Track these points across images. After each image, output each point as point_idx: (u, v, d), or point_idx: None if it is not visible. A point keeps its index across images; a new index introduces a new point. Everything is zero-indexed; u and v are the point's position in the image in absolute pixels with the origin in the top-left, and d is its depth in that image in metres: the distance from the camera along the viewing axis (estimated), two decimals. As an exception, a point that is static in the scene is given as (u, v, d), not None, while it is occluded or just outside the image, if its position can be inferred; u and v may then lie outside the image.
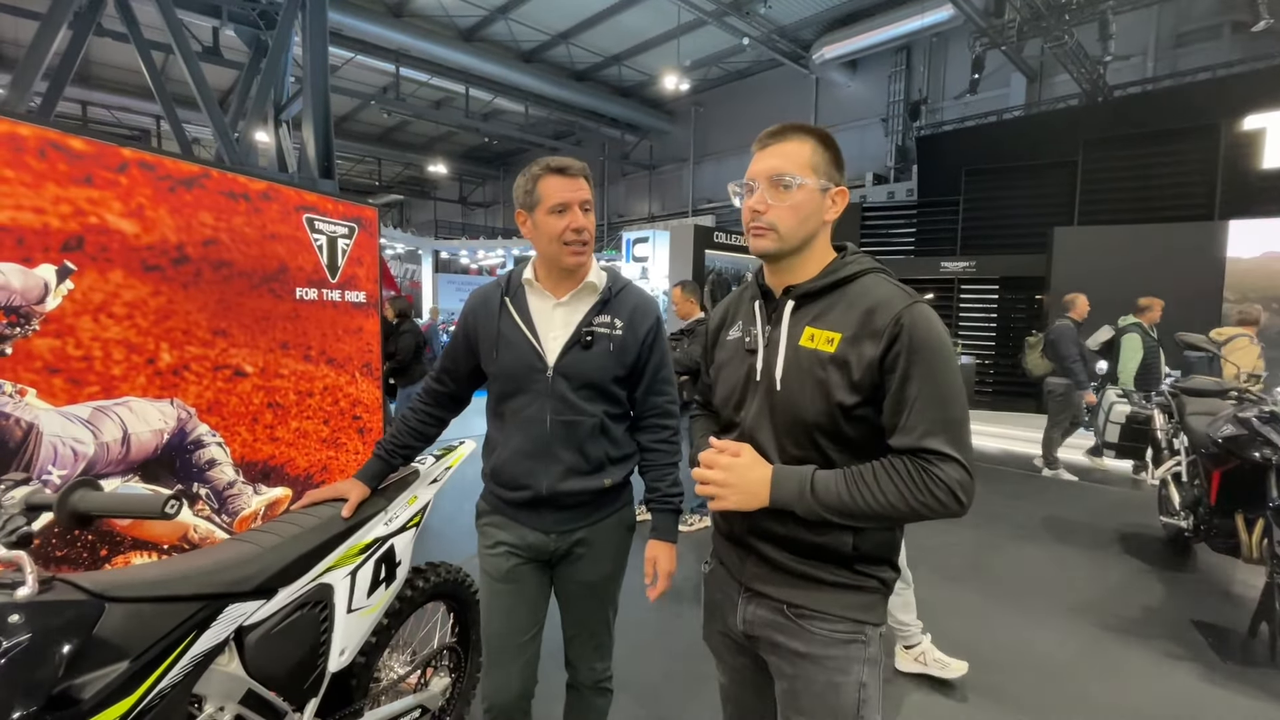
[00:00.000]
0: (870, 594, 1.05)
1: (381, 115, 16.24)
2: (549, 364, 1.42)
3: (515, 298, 1.47)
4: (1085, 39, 8.72)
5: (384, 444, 1.58)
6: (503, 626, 1.48)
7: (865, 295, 1.01)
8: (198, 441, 1.98)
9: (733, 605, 1.16)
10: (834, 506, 0.96)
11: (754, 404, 1.08)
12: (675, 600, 3.14)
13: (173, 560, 1.17)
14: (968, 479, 0.94)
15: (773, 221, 1.03)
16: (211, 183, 1.98)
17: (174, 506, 0.93)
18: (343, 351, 2.47)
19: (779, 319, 1.07)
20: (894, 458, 0.97)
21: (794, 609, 1.06)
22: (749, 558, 1.12)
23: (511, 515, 1.48)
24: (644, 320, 1.50)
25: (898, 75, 13.66)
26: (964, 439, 0.95)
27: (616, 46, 14.09)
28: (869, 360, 0.96)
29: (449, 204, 24.84)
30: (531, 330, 1.44)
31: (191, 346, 1.95)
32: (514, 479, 1.45)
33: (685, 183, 17.77)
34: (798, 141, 1.04)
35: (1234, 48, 9.40)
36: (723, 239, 8.60)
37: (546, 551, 1.48)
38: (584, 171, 1.44)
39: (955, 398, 0.95)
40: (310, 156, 4.56)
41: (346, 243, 2.45)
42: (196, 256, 1.96)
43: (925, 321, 0.96)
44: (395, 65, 13.10)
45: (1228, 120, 7.92)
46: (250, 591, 1.21)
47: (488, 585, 1.50)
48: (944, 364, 0.96)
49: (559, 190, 1.39)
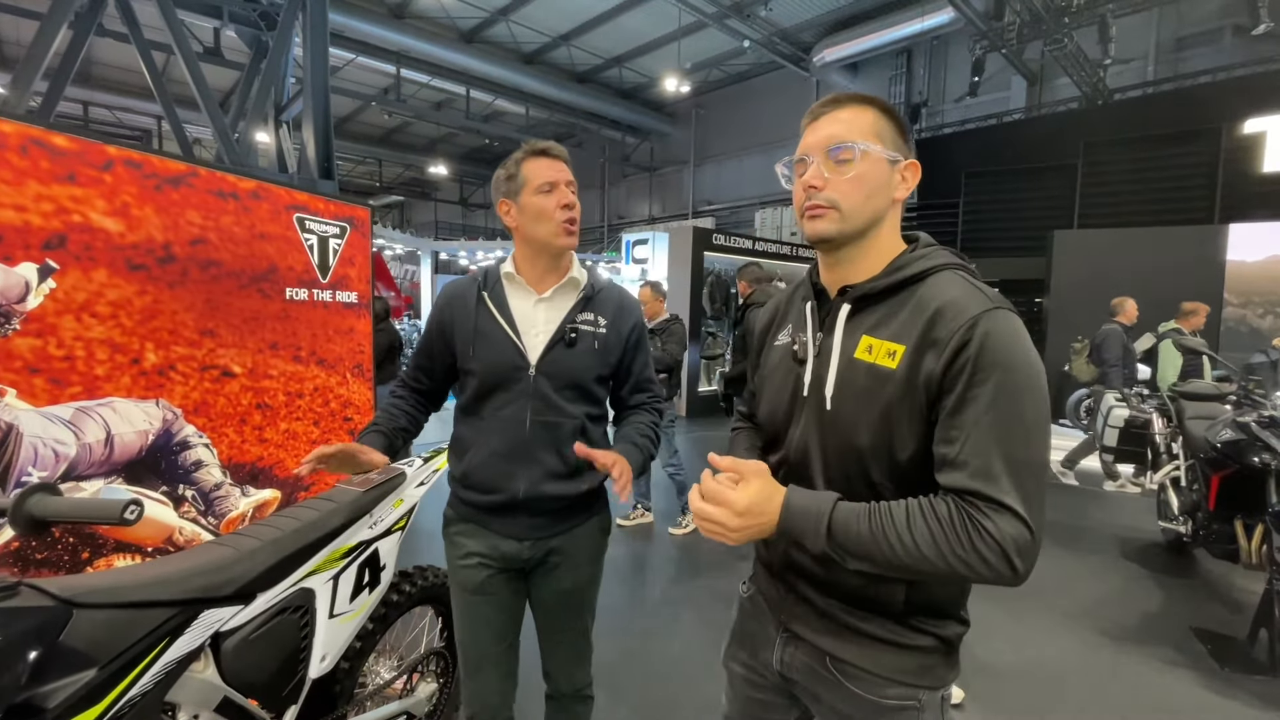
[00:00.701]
0: (927, 654, 0.88)
1: (382, 116, 16.28)
2: (531, 362, 1.37)
3: (494, 292, 1.42)
4: (1085, 42, 8.71)
5: (381, 422, 1.45)
6: (478, 637, 1.45)
7: (934, 298, 0.82)
8: (184, 442, 1.96)
9: (768, 642, 1.03)
10: (853, 549, 0.79)
11: (802, 423, 0.93)
12: (670, 603, 3.12)
13: (148, 564, 1.15)
14: (1028, 540, 0.74)
15: (833, 198, 0.87)
16: (199, 181, 1.96)
17: (133, 512, 0.91)
18: (334, 352, 2.45)
19: (832, 325, 0.91)
20: (938, 499, 0.78)
21: (836, 662, 0.92)
22: (789, 595, 0.99)
23: (483, 522, 1.42)
24: (628, 318, 1.47)
25: (898, 78, 13.67)
26: (1032, 489, 0.75)
27: (617, 48, 14.11)
28: (929, 375, 0.79)
29: (449, 205, 24.86)
30: (512, 327, 1.38)
31: (178, 346, 1.93)
32: (488, 482, 1.38)
33: (685, 185, 17.77)
34: (856, 108, 0.89)
35: (1234, 51, 9.38)
36: (721, 241, 8.58)
37: (520, 560, 1.42)
38: (565, 155, 1.41)
39: (1030, 435, 0.76)
40: (310, 157, 4.55)
41: (338, 243, 2.43)
42: (183, 256, 1.94)
43: (1007, 333, 0.78)
44: (396, 66, 13.11)
45: (1228, 124, 7.92)
46: (227, 596, 1.18)
47: (461, 597, 1.46)
48: (1022, 389, 0.76)
49: (544, 170, 1.36)
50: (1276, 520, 2.65)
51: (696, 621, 2.94)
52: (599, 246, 19.20)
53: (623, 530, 4.18)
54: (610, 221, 19.97)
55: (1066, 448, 5.65)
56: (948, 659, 0.90)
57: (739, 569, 3.56)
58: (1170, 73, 9.95)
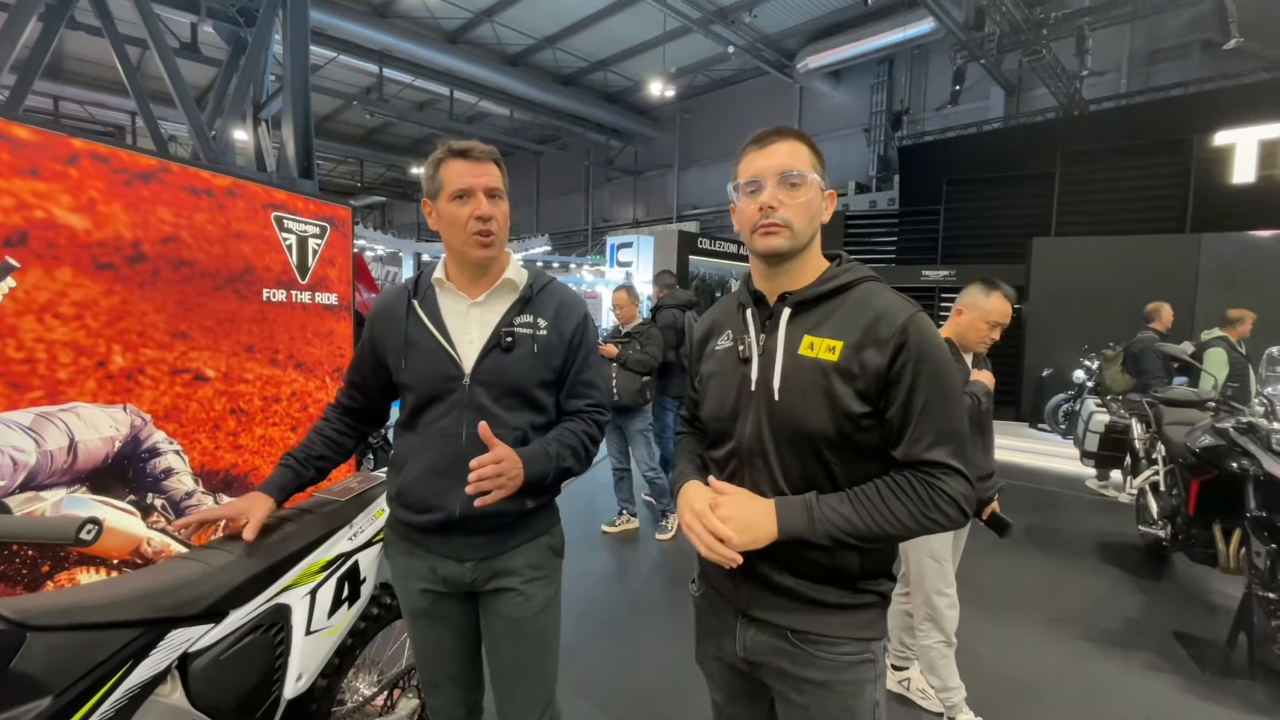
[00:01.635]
0: (872, 610, 1.04)
1: (364, 116, 16.06)
2: (465, 371, 1.28)
3: (425, 300, 1.34)
4: (1063, 54, 8.87)
5: (295, 453, 1.40)
6: (432, 658, 1.40)
7: (866, 303, 0.99)
8: (153, 449, 1.88)
9: (730, 631, 1.11)
10: (845, 530, 0.94)
11: (751, 415, 1.04)
12: (656, 609, 3.08)
13: (111, 581, 1.08)
14: (970, 491, 0.95)
15: (787, 218, 1.00)
16: (171, 177, 1.89)
17: (90, 531, 0.85)
18: (312, 355, 2.37)
19: (774, 326, 1.04)
20: (897, 475, 0.96)
21: (798, 635, 1.02)
22: (745, 583, 1.07)
23: (419, 541, 1.33)
24: (570, 318, 1.37)
25: (880, 86, 13.82)
26: (966, 451, 0.96)
27: (603, 52, 14.09)
28: (875, 368, 0.94)
29: (432, 207, 24.57)
30: (444, 334, 1.30)
31: (147, 349, 1.85)
32: (422, 500, 1.29)
33: (670, 189, 17.80)
34: (795, 141, 1.03)
35: (1202, 66, 9.66)
36: (707, 244, 8.57)
37: (464, 583, 1.32)
38: (491, 155, 1.30)
39: (958, 409, 0.96)
40: (290, 156, 4.44)
41: (318, 242, 2.36)
42: (154, 254, 1.86)
43: (930, 331, 0.96)
44: (379, 66, 12.95)
45: (1199, 136, 8.09)
46: (197, 615, 1.12)
47: (409, 620, 1.39)
48: (948, 375, 0.96)
49: (460, 175, 1.26)
50: (1254, 525, 2.68)
51: (684, 626, 2.90)
52: (583, 250, 19.14)
53: (608, 536, 4.13)
54: (594, 225, 19.92)
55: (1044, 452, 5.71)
56: (884, 613, 1.06)
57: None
58: (1142, 85, 10.23)
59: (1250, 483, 2.76)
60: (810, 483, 0.99)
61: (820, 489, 0.99)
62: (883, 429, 0.97)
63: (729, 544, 0.95)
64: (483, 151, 1.29)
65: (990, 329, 2.14)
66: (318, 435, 1.44)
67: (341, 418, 1.47)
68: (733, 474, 1.07)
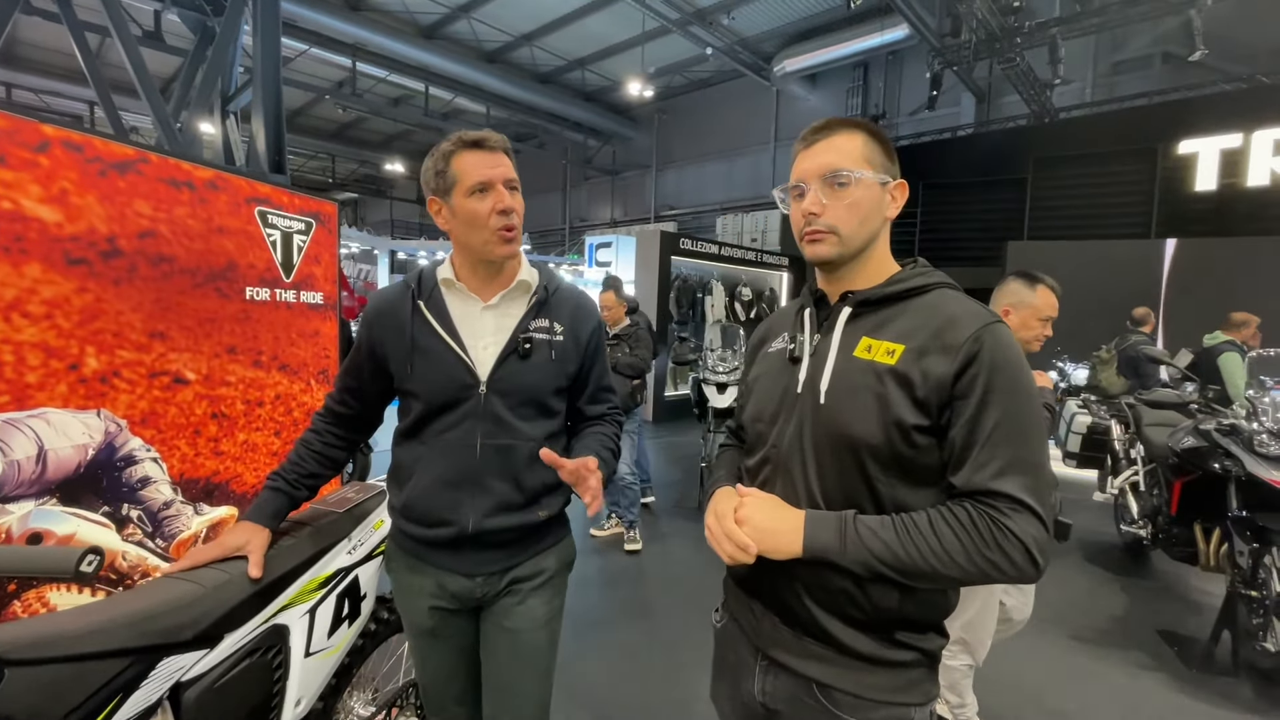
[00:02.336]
0: (913, 669, 0.90)
1: (336, 111, 15.68)
2: (481, 379, 1.20)
3: (431, 301, 1.23)
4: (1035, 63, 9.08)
5: (284, 473, 1.27)
6: (436, 681, 1.33)
7: (937, 308, 0.89)
8: (129, 457, 1.76)
9: (748, 671, 1.00)
10: (882, 559, 0.81)
11: (793, 419, 0.94)
12: (649, 615, 3.03)
13: (95, 606, 0.98)
14: (1046, 536, 0.80)
15: (831, 224, 0.92)
16: (150, 168, 1.78)
17: (91, 563, 0.77)
18: (297, 357, 2.27)
19: (831, 326, 0.95)
20: (955, 505, 0.83)
21: (823, 689, 0.90)
22: (766, 615, 0.98)
23: (425, 557, 1.26)
24: (586, 323, 1.32)
25: (855, 90, 13.98)
26: (1044, 488, 0.81)
27: (581, 50, 13.99)
28: (938, 378, 0.83)
29: (406, 204, 24.22)
30: (456, 339, 1.21)
31: (123, 351, 1.74)
32: (432, 513, 1.22)
33: (648, 189, 17.77)
34: (847, 134, 0.94)
35: (1164, 77, 10.04)
36: (689, 245, 8.55)
37: (473, 599, 1.26)
38: (504, 144, 1.21)
39: (1038, 437, 0.83)
40: (260, 150, 4.28)
41: (303, 239, 2.26)
42: (131, 250, 1.74)
43: (1009, 343, 0.84)
44: (352, 60, 12.65)
45: (1163, 144, 8.35)
46: (190, 640, 1.03)
47: (413, 638, 1.32)
48: (1027, 396, 0.83)
49: (477, 167, 1.16)
50: (1236, 524, 2.74)
51: (679, 632, 2.85)
52: (561, 249, 19.00)
53: (596, 541, 4.07)
54: (572, 224, 19.80)
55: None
56: (931, 672, 0.92)
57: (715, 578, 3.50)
58: (1106, 95, 10.59)
59: (1232, 483, 2.83)
60: (849, 500, 0.88)
61: (860, 509, 0.87)
62: (940, 451, 0.85)
63: (746, 551, 0.87)
64: (496, 141, 1.20)
65: (1043, 325, 2.03)
66: (307, 450, 1.31)
67: (332, 428, 1.34)
68: (765, 482, 0.98)
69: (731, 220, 14.63)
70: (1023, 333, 2.04)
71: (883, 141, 0.95)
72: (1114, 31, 9.78)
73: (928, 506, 0.85)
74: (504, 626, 1.26)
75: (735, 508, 0.92)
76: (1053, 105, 9.76)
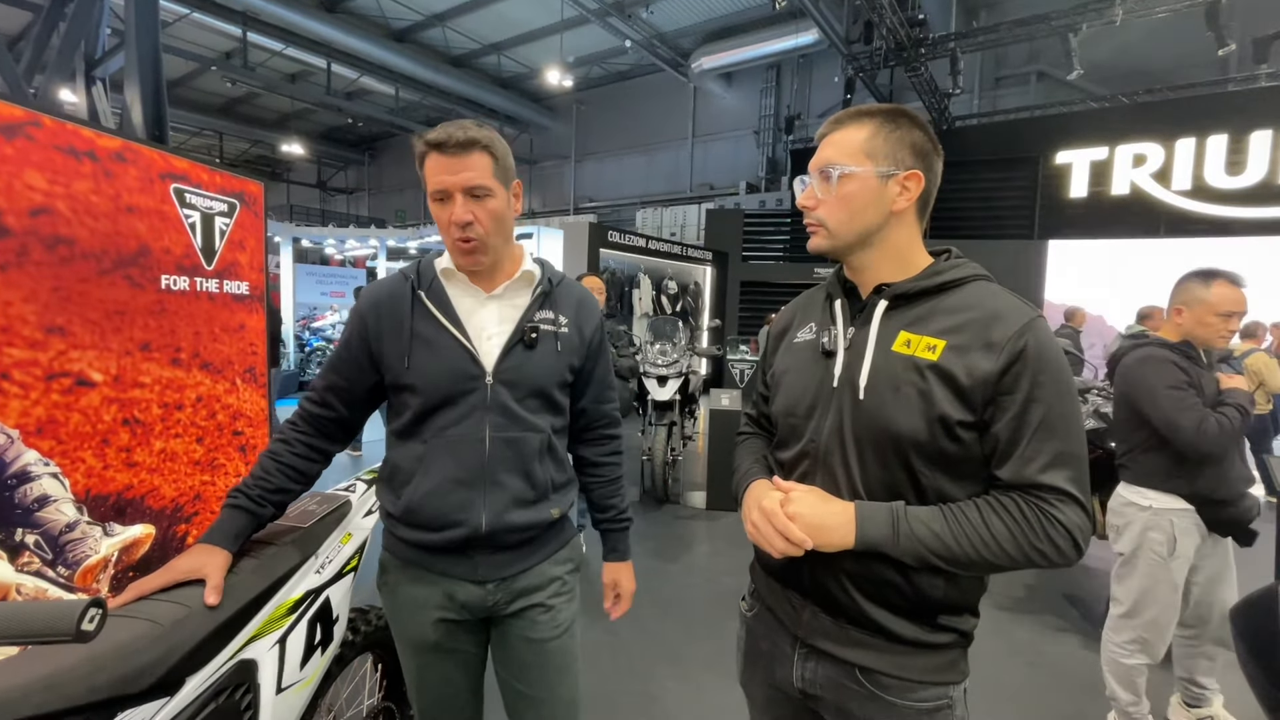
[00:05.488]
0: (952, 650, 0.93)
1: (224, 84, 14.30)
2: (487, 369, 1.16)
3: (432, 291, 1.18)
4: (936, 73, 9.74)
5: (247, 488, 1.14)
6: (439, 700, 1.25)
7: (978, 303, 0.89)
8: (22, 474, 1.50)
9: (785, 659, 1.01)
10: (934, 549, 0.83)
11: (830, 414, 0.94)
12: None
13: (32, 656, 0.81)
14: (1088, 524, 0.83)
15: (821, 217, 0.95)
16: (43, 134, 1.51)
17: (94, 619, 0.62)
18: (221, 354, 2.02)
19: (867, 319, 0.94)
20: (1002, 495, 0.85)
21: (867, 673, 0.92)
22: (806, 606, 0.98)
23: (430, 565, 1.19)
24: (590, 318, 1.30)
25: (769, 90, 14.45)
26: (1086, 479, 0.84)
27: (496, 35, 13.56)
28: (983, 375, 0.83)
29: (305, 188, 22.56)
30: (459, 329, 1.16)
31: (14, 349, 1.47)
32: (440, 515, 1.15)
33: (566, 180, 17.55)
34: (855, 127, 0.93)
35: (1039, 93, 11.17)
36: (617, 238, 8.51)
37: (484, 608, 1.20)
38: (475, 143, 1.09)
39: (1079, 430, 0.85)
40: (136, 121, 3.79)
41: (226, 221, 2.01)
42: (20, 229, 1.48)
43: (1050, 339, 0.85)
44: (243, 29, 11.58)
45: (1044, 154, 9.21)
46: (148, 690, 0.88)
47: (413, 658, 1.23)
48: (1069, 391, 0.85)
49: (435, 173, 1.10)
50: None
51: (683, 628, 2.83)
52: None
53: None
54: (487, 215, 19.21)
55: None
56: (965, 652, 0.95)
57: (666, 568, 3.50)
58: (990, 107, 11.62)
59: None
60: (892, 493, 0.89)
61: (905, 501, 0.89)
62: (982, 445, 0.86)
63: (801, 547, 0.87)
64: (461, 141, 1.08)
65: (1223, 321, 1.91)
66: (274, 462, 1.17)
67: (305, 437, 1.20)
68: (803, 476, 0.97)
69: (651, 214, 14.72)
70: (1199, 331, 1.96)
71: (900, 129, 0.91)
72: (996, 50, 10.71)
73: (969, 496, 0.88)
74: (529, 638, 1.21)
75: (782, 503, 0.90)
76: (950, 114, 10.51)
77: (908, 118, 0.93)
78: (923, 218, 0.97)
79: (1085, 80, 9.31)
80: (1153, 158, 8.31)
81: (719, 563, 3.74)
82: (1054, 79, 10.64)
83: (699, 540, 4.11)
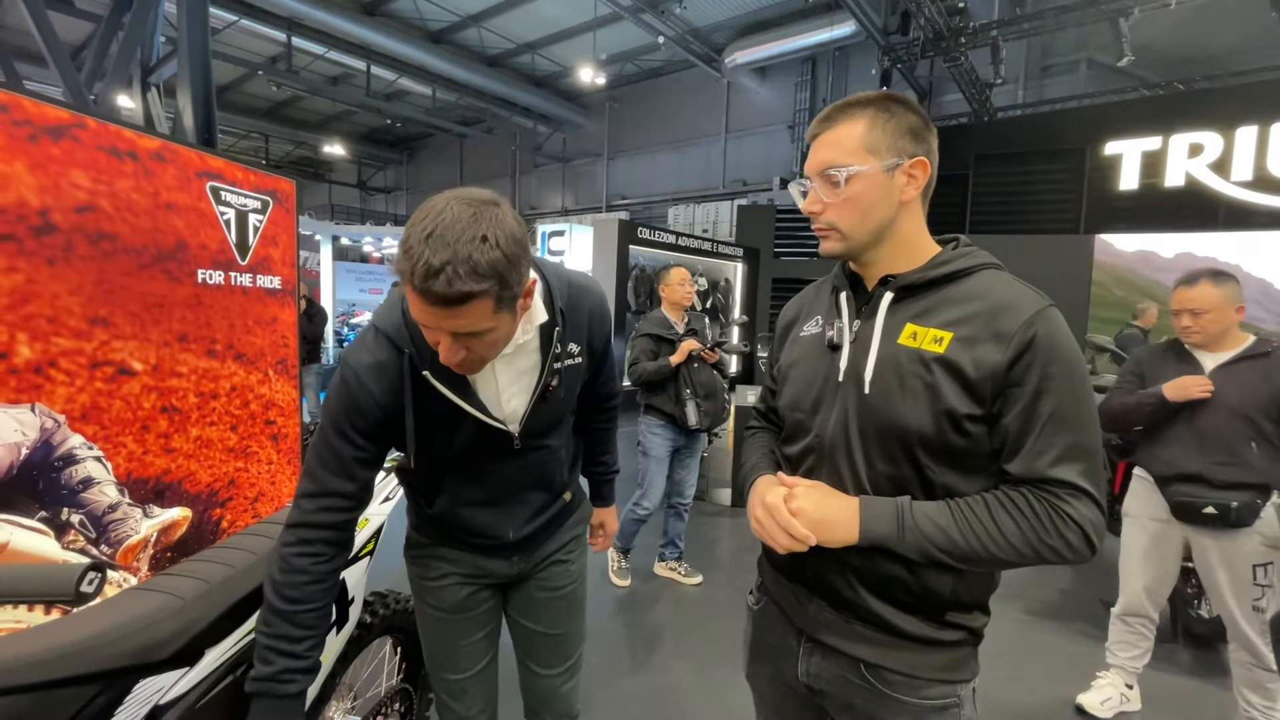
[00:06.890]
0: (961, 648, 0.91)
1: (270, 88, 14.81)
2: (515, 432, 1.13)
3: (438, 369, 1.01)
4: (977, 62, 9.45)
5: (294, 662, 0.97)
6: (457, 658, 1.30)
7: (986, 292, 0.86)
8: (68, 456, 1.59)
9: (790, 653, 1.01)
10: (940, 545, 0.82)
11: (836, 408, 0.92)
12: (676, 630, 3.00)
13: (57, 625, 0.87)
14: (1101, 520, 0.80)
15: (831, 221, 0.91)
16: (88, 135, 1.59)
17: (93, 582, 0.67)
18: (254, 345, 2.10)
19: (872, 312, 0.92)
20: (1012, 490, 0.83)
21: (872, 669, 0.91)
22: (812, 600, 0.97)
23: (464, 545, 1.26)
24: (600, 329, 1.25)
25: (803, 84, 14.22)
26: (1099, 473, 0.81)
27: (531, 34, 13.67)
28: (991, 367, 0.80)
29: (346, 188, 23.18)
30: (478, 406, 1.07)
31: (60, 338, 1.56)
32: (472, 530, 1.22)
33: (599, 177, 17.60)
34: (848, 122, 0.90)
35: (1089, 81, 10.70)
36: (647, 234, 8.51)
37: (509, 576, 1.31)
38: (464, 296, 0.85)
39: (1092, 423, 0.82)
40: (187, 126, 3.97)
41: (259, 219, 2.09)
42: (67, 226, 1.56)
43: (1062, 330, 0.83)
44: (287, 34, 11.96)
45: (1091, 145, 8.85)
46: (168, 659, 0.93)
47: (431, 616, 1.29)
48: (1082, 382, 0.82)
49: (419, 310, 0.89)
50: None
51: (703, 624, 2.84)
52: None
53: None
54: (522, 211, 19.37)
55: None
56: (975, 650, 0.93)
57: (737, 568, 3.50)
58: (1036, 97, 11.19)
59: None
60: (899, 489, 0.88)
61: (911, 496, 0.87)
62: (991, 439, 0.84)
63: (805, 543, 0.86)
64: (446, 296, 0.84)
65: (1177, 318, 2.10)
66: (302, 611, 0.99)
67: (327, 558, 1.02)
68: (809, 472, 0.96)
69: (683, 211, 14.66)
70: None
71: (897, 116, 0.88)
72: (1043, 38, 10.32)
73: (977, 490, 0.85)
74: (549, 587, 1.34)
75: (785, 498, 0.90)
76: (992, 105, 10.19)
77: (900, 102, 0.90)
78: (926, 201, 0.95)
79: (1137, 67, 8.92)
80: (1210, 147, 7.90)
81: (742, 559, 3.73)
82: (1104, 66, 10.21)
83: (723, 537, 4.10)
